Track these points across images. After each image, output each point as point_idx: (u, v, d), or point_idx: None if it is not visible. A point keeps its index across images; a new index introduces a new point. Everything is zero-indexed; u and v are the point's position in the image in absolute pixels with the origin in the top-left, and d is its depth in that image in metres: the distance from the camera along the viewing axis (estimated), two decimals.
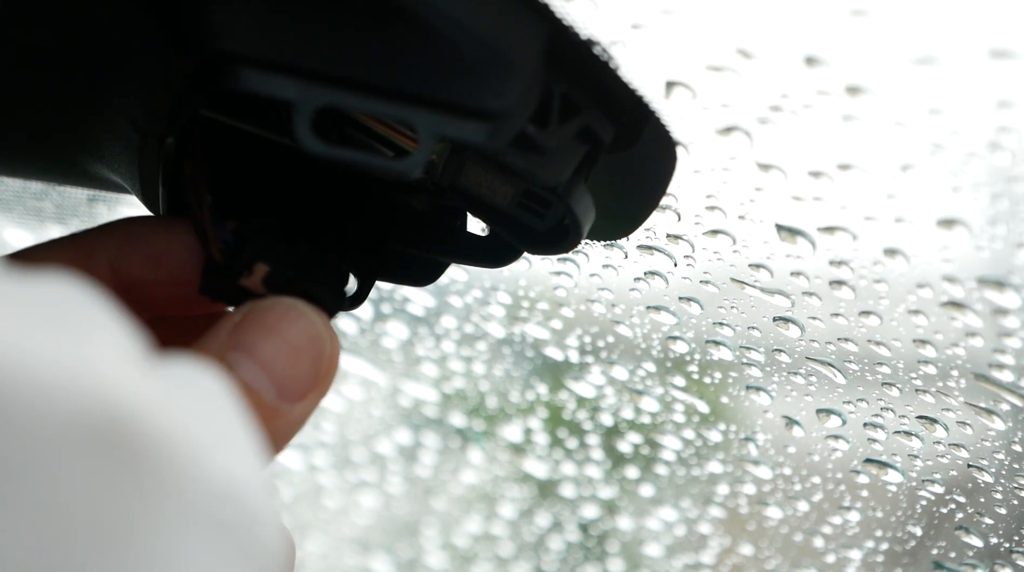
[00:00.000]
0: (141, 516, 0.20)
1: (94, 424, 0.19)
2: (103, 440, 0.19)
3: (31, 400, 0.19)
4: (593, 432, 0.69)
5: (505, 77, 0.30)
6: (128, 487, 0.20)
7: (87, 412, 0.19)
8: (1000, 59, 0.36)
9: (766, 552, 0.66)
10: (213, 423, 0.22)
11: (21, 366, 0.19)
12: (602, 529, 0.74)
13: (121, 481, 0.19)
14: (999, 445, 0.50)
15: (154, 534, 0.20)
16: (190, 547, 0.20)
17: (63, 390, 0.19)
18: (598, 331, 0.60)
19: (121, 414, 0.20)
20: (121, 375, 0.20)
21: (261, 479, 0.22)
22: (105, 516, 0.19)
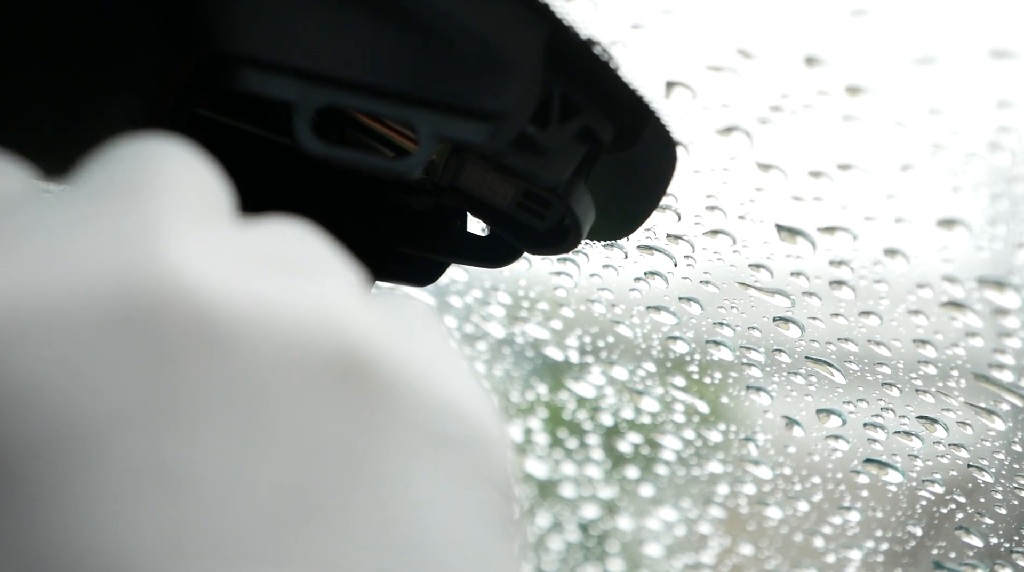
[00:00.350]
0: (380, 443, 0.20)
1: (330, 357, 0.20)
2: (340, 372, 0.20)
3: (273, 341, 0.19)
4: (593, 432, 0.69)
5: (505, 77, 0.30)
6: (366, 416, 0.20)
7: (322, 346, 0.20)
8: (1000, 59, 0.36)
9: (766, 552, 0.66)
10: (435, 350, 0.22)
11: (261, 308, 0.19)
12: (602, 529, 0.74)
13: (359, 411, 0.20)
14: (999, 445, 0.50)
15: (393, 460, 0.20)
16: (428, 469, 0.21)
17: (300, 327, 0.19)
18: (598, 331, 0.60)
19: (354, 345, 0.20)
20: (349, 308, 0.20)
21: (485, 398, 0.22)
22: (347, 447, 0.20)
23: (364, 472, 0.20)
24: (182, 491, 0.18)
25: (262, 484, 0.19)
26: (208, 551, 0.18)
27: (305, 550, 0.19)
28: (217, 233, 0.21)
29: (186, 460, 0.18)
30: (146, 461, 0.18)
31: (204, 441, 0.19)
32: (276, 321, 0.19)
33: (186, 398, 0.18)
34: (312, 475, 0.19)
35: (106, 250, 0.19)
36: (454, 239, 0.40)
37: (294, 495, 0.19)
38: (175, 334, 0.18)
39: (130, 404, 0.18)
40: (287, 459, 0.19)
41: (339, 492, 0.20)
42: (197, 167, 0.23)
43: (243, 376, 0.19)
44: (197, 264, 0.19)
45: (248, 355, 0.19)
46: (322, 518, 0.19)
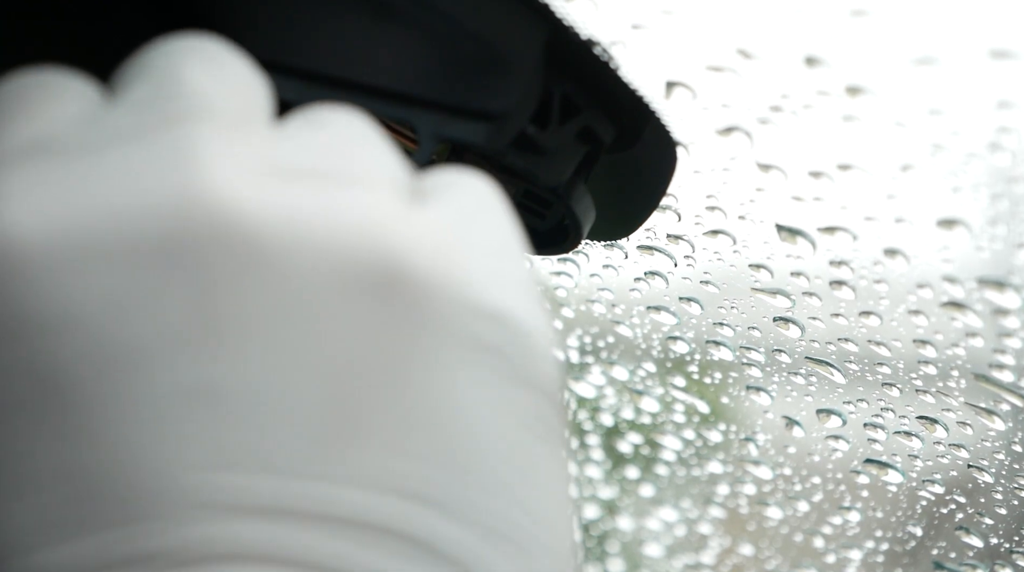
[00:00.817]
0: (419, 352, 0.20)
1: (366, 270, 0.20)
2: (376, 285, 0.20)
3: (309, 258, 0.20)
4: (593, 432, 0.69)
5: (505, 78, 0.30)
6: (404, 327, 0.20)
7: (358, 260, 0.20)
8: (1000, 59, 0.36)
9: (766, 552, 0.66)
10: (488, 252, 0.22)
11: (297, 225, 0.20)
12: (602, 529, 0.74)
13: (397, 322, 0.20)
14: (999, 445, 0.50)
15: (433, 368, 0.20)
16: (470, 376, 0.21)
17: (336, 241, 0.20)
18: (598, 331, 0.60)
19: (390, 257, 0.20)
20: (387, 217, 0.20)
21: (533, 302, 0.22)
22: (387, 358, 0.20)
23: (404, 382, 0.20)
24: (227, 408, 0.19)
25: (302, 399, 0.19)
26: (253, 465, 0.19)
27: (350, 462, 0.19)
28: (255, 147, 0.21)
29: (230, 378, 0.19)
30: (191, 380, 0.19)
31: (247, 359, 0.19)
32: (312, 237, 0.20)
33: (228, 319, 0.19)
34: (353, 388, 0.20)
35: (148, 175, 0.19)
36: None
37: (334, 408, 0.19)
38: (216, 258, 0.19)
39: (174, 327, 0.19)
40: (326, 373, 0.19)
41: (380, 404, 0.20)
42: (233, 66, 0.23)
43: (282, 295, 0.19)
44: (236, 187, 0.19)
45: (286, 274, 0.19)
46: (365, 430, 0.20)
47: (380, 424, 0.20)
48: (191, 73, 0.22)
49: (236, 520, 0.19)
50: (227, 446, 0.19)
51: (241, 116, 0.22)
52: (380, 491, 0.19)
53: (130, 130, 0.21)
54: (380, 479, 0.19)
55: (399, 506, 0.19)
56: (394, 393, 0.20)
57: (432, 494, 0.20)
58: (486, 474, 0.20)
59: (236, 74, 0.23)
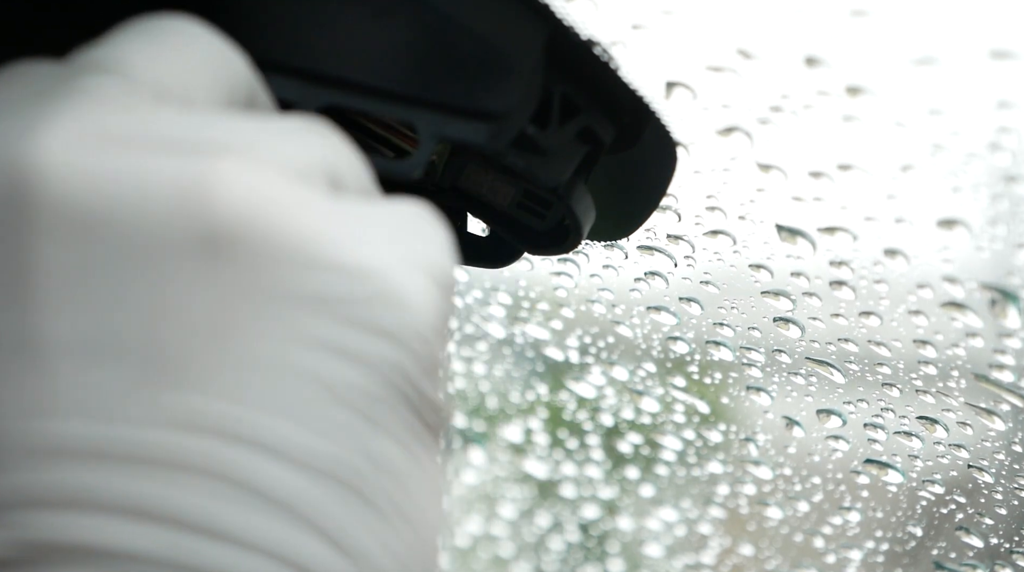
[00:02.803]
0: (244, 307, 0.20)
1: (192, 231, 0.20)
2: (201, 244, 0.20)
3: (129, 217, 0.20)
4: (593, 432, 0.69)
5: (505, 78, 0.30)
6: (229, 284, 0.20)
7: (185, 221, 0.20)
8: (1000, 59, 0.36)
9: (766, 552, 0.66)
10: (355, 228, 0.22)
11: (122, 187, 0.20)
12: (602, 529, 0.74)
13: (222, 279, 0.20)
14: (999, 445, 0.50)
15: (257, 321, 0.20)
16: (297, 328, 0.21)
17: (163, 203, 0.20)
18: (598, 331, 0.60)
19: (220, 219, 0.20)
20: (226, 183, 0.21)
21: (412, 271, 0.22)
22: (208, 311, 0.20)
23: (229, 334, 0.20)
24: (40, 357, 0.19)
25: (123, 348, 0.20)
26: (71, 414, 0.19)
27: (167, 405, 0.20)
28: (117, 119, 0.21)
29: (41, 328, 0.19)
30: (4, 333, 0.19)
31: (61, 311, 0.20)
32: (135, 197, 0.20)
33: (36, 272, 0.20)
34: (173, 338, 0.20)
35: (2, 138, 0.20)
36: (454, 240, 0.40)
37: (155, 357, 0.20)
38: (25, 216, 0.20)
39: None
40: (148, 323, 0.20)
41: (203, 353, 0.20)
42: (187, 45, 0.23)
43: (99, 249, 0.20)
44: (63, 149, 0.20)
45: (105, 229, 0.20)
46: (183, 375, 0.20)
47: (197, 371, 0.20)
48: (125, 50, 0.23)
49: (47, 465, 0.19)
50: (42, 394, 0.19)
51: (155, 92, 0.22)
52: (199, 433, 0.20)
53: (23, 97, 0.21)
54: (198, 421, 0.20)
55: (218, 447, 0.20)
56: (218, 344, 0.20)
57: (257, 436, 0.20)
58: (320, 418, 0.20)
59: (186, 54, 0.23)
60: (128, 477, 0.19)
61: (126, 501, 0.19)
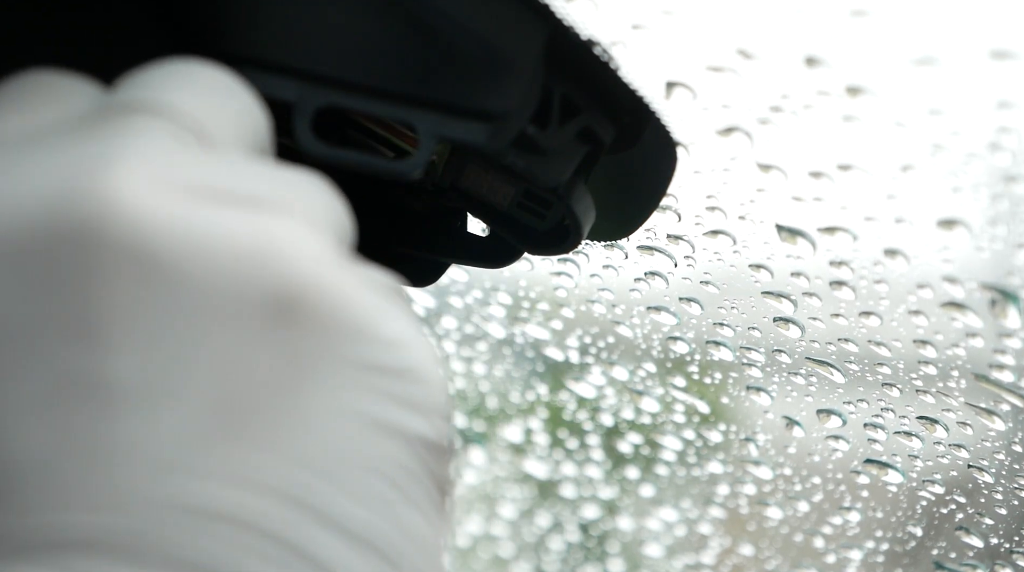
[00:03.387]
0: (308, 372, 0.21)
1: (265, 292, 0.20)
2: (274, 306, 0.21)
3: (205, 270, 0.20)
4: (593, 432, 0.69)
5: (505, 78, 0.30)
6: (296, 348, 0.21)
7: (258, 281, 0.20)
8: (1000, 59, 0.36)
9: (766, 552, 0.66)
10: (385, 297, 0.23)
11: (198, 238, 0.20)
12: (602, 529, 0.74)
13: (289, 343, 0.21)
14: (999, 445, 0.50)
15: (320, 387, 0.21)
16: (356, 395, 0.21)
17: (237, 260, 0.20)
18: (598, 331, 0.60)
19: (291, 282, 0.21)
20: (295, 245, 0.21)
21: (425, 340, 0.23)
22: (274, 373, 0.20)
23: (291, 397, 0.21)
24: (107, 402, 0.19)
25: (187, 399, 0.20)
26: (133, 461, 0.19)
27: (226, 461, 0.20)
28: (189, 165, 0.21)
29: (111, 372, 0.19)
30: (71, 371, 0.19)
31: (129, 355, 0.19)
32: (212, 250, 0.20)
33: (112, 315, 0.19)
34: (238, 394, 0.20)
35: (62, 174, 0.20)
36: (454, 239, 0.40)
37: (219, 411, 0.20)
38: (103, 254, 0.20)
39: (57, 317, 0.19)
40: (213, 377, 0.20)
41: (264, 412, 0.20)
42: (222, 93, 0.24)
43: (171, 299, 0.20)
44: (138, 191, 0.20)
45: (178, 280, 0.20)
46: (244, 433, 0.20)
47: (264, 431, 0.20)
48: (165, 91, 0.23)
49: (107, 510, 0.19)
50: (105, 440, 0.19)
51: (197, 139, 0.22)
52: (254, 491, 0.20)
53: (82, 132, 0.21)
54: (254, 479, 0.20)
55: (273, 507, 0.20)
56: (280, 405, 0.20)
57: (308, 500, 0.20)
58: (364, 488, 0.21)
59: (220, 100, 0.24)
60: (185, 530, 0.19)
61: (180, 554, 0.19)
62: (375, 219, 0.39)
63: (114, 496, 0.19)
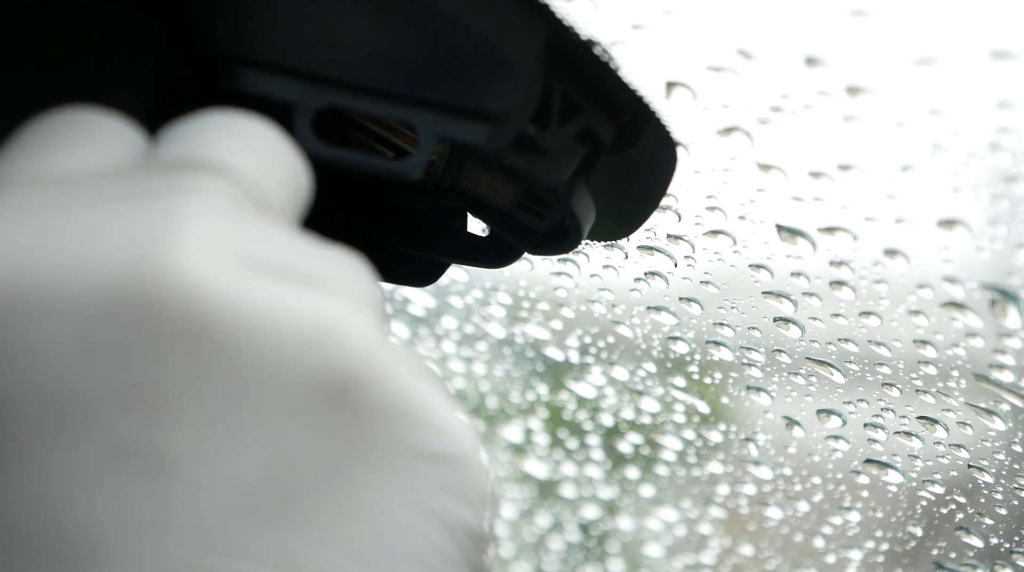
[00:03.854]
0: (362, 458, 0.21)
1: (323, 373, 0.20)
2: (332, 389, 0.20)
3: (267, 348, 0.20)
4: (593, 432, 0.69)
5: (505, 78, 0.30)
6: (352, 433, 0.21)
7: (318, 361, 0.20)
8: (1000, 60, 0.36)
9: (766, 552, 0.66)
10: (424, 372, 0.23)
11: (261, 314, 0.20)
12: (602, 529, 0.74)
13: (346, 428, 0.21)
14: (999, 445, 0.50)
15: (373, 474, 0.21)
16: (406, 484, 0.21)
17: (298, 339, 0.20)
18: (598, 331, 0.60)
19: (351, 365, 0.21)
20: (353, 326, 0.21)
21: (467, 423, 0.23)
22: (329, 457, 0.20)
23: (341, 482, 0.20)
24: (160, 473, 0.19)
25: (239, 476, 0.20)
26: (186, 535, 0.19)
27: (274, 544, 0.20)
28: (246, 235, 0.21)
29: (166, 444, 0.19)
30: (126, 441, 0.19)
31: (185, 428, 0.19)
32: (274, 329, 0.20)
33: (171, 387, 0.19)
34: (289, 476, 0.20)
35: (124, 238, 0.20)
36: (454, 239, 0.40)
37: (269, 492, 0.20)
38: (167, 327, 0.19)
39: (117, 386, 0.19)
40: (266, 457, 0.20)
41: (314, 496, 0.20)
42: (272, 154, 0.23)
43: (230, 375, 0.20)
44: (203, 264, 0.20)
45: (238, 357, 0.20)
46: (296, 518, 0.20)
47: (312, 515, 0.20)
48: (222, 149, 0.23)
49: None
50: (158, 512, 0.19)
51: (252, 202, 0.22)
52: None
53: (135, 189, 0.21)
54: (299, 564, 0.20)
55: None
56: (330, 489, 0.20)
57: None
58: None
59: (271, 158, 0.23)
60: None
61: None
62: (375, 220, 0.39)
63: (158, 568, 0.19)
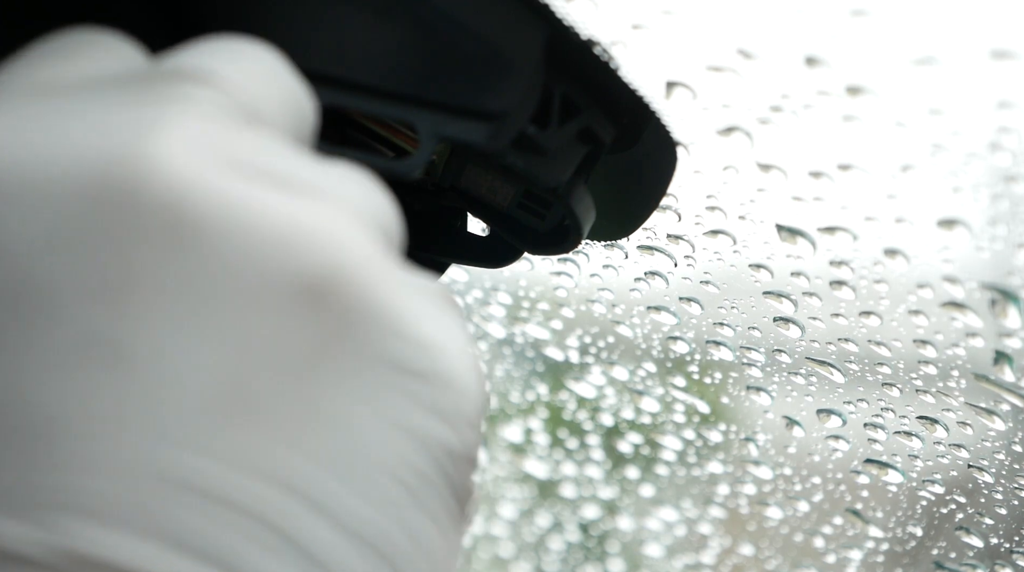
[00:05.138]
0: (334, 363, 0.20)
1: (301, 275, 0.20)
2: (309, 291, 0.20)
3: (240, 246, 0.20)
4: (593, 432, 0.69)
5: (505, 78, 0.30)
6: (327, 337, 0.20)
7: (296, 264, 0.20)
8: (1000, 59, 0.36)
9: (766, 552, 0.66)
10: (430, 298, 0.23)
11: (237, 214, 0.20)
12: (602, 529, 0.74)
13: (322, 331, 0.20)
14: (999, 445, 0.50)
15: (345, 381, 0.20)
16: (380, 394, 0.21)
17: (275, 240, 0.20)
18: (598, 331, 0.60)
19: (332, 269, 0.20)
20: (340, 232, 0.21)
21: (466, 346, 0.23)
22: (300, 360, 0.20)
23: (311, 385, 0.20)
24: (120, 365, 0.19)
25: (201, 373, 0.19)
26: (145, 428, 0.19)
27: (234, 443, 0.19)
28: (239, 141, 0.21)
29: (127, 336, 0.19)
30: (89, 331, 0.19)
31: (149, 321, 0.19)
32: (251, 227, 0.20)
33: (138, 279, 0.19)
34: (254, 375, 0.20)
35: (111, 134, 0.20)
36: (454, 239, 0.40)
37: (233, 390, 0.20)
38: (140, 219, 0.19)
39: (85, 276, 0.19)
40: (231, 355, 0.20)
41: (280, 397, 0.20)
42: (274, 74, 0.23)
43: (200, 270, 0.20)
44: (185, 160, 0.20)
45: (210, 251, 0.20)
46: (258, 418, 0.20)
47: (274, 416, 0.20)
48: (220, 63, 0.22)
49: (108, 477, 0.19)
50: (122, 405, 0.19)
51: (247, 115, 0.22)
52: (258, 477, 0.19)
53: (127, 94, 0.21)
54: (260, 466, 0.20)
55: (274, 495, 0.20)
56: (297, 392, 0.20)
57: (311, 492, 0.20)
58: (375, 489, 0.20)
59: (271, 79, 0.23)
60: (182, 507, 0.19)
61: (174, 530, 0.19)
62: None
63: (113, 463, 0.19)
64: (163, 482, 0.19)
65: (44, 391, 0.19)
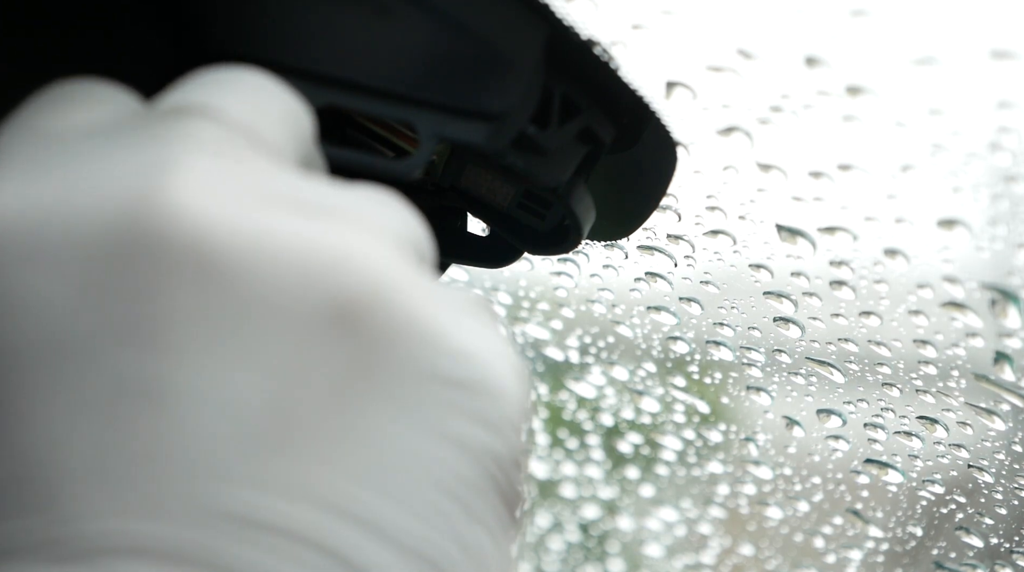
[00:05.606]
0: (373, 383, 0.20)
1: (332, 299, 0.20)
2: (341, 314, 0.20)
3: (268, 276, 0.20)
4: (593, 432, 0.69)
5: (505, 78, 0.30)
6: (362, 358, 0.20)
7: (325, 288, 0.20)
8: (1000, 59, 0.36)
9: (766, 552, 0.66)
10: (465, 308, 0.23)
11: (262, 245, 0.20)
12: (602, 529, 0.74)
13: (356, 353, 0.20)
14: (999, 445, 0.50)
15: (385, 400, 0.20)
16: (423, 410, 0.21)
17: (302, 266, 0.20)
18: (598, 331, 0.60)
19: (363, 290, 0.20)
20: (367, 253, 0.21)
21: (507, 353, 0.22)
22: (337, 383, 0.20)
23: (351, 407, 0.20)
24: (157, 405, 0.19)
25: (241, 405, 0.19)
26: (188, 465, 0.19)
27: (281, 471, 0.19)
28: (251, 172, 0.21)
29: (162, 375, 0.19)
30: (125, 376, 0.19)
31: (183, 358, 0.19)
32: (278, 255, 0.20)
33: (169, 318, 0.19)
34: (295, 402, 0.20)
35: (121, 179, 0.20)
36: (454, 239, 0.40)
37: (275, 419, 0.19)
38: (165, 258, 0.19)
39: (113, 323, 0.19)
40: (270, 383, 0.20)
41: (323, 422, 0.20)
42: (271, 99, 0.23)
43: (231, 302, 0.20)
44: (201, 196, 0.20)
45: (239, 283, 0.20)
46: (301, 444, 0.20)
47: (319, 440, 0.20)
48: (213, 95, 0.23)
49: (160, 515, 0.19)
50: (157, 445, 0.19)
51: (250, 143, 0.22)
52: (308, 503, 0.19)
53: (132, 136, 0.21)
54: (309, 492, 0.19)
55: (325, 520, 0.19)
56: (338, 414, 0.20)
57: (362, 514, 0.20)
58: (423, 502, 0.20)
59: (266, 103, 0.23)
60: (237, 541, 0.19)
61: (231, 566, 0.19)
62: None
63: (159, 503, 0.19)
64: (213, 517, 0.19)
65: (78, 440, 0.19)
